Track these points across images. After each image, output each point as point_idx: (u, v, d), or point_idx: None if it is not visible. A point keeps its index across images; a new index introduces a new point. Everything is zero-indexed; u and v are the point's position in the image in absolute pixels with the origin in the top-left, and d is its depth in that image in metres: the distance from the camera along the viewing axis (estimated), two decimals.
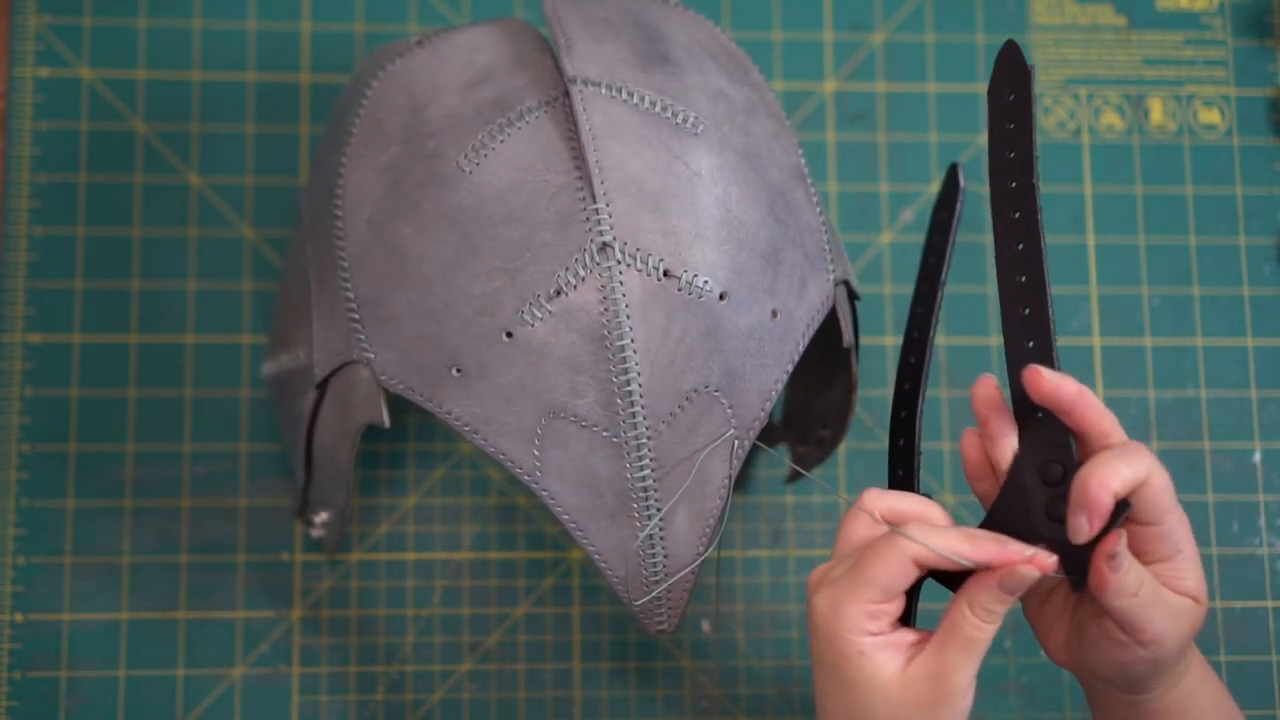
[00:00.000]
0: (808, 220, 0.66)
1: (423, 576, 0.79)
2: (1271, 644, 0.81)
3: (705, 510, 0.62)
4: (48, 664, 0.77)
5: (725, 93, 0.66)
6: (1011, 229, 0.60)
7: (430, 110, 0.64)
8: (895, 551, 0.55)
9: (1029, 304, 0.58)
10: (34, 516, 0.78)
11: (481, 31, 0.67)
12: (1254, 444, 0.83)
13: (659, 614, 0.63)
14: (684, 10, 0.70)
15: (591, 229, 0.60)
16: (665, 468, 0.61)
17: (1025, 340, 0.58)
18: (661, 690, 0.79)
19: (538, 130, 0.62)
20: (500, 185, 0.61)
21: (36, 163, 0.81)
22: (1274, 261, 0.85)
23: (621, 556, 0.62)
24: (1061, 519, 0.55)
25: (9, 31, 0.82)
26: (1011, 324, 0.59)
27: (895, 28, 0.86)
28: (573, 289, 0.60)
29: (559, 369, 0.61)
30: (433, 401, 0.62)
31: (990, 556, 0.55)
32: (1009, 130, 0.61)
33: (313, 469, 0.72)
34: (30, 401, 0.79)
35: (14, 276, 0.80)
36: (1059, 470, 0.56)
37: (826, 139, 0.84)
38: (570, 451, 0.61)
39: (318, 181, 0.70)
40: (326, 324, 0.66)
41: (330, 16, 0.84)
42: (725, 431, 0.62)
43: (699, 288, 0.61)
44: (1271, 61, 0.87)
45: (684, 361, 0.61)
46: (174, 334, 0.80)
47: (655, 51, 0.65)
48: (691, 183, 0.62)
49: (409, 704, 0.78)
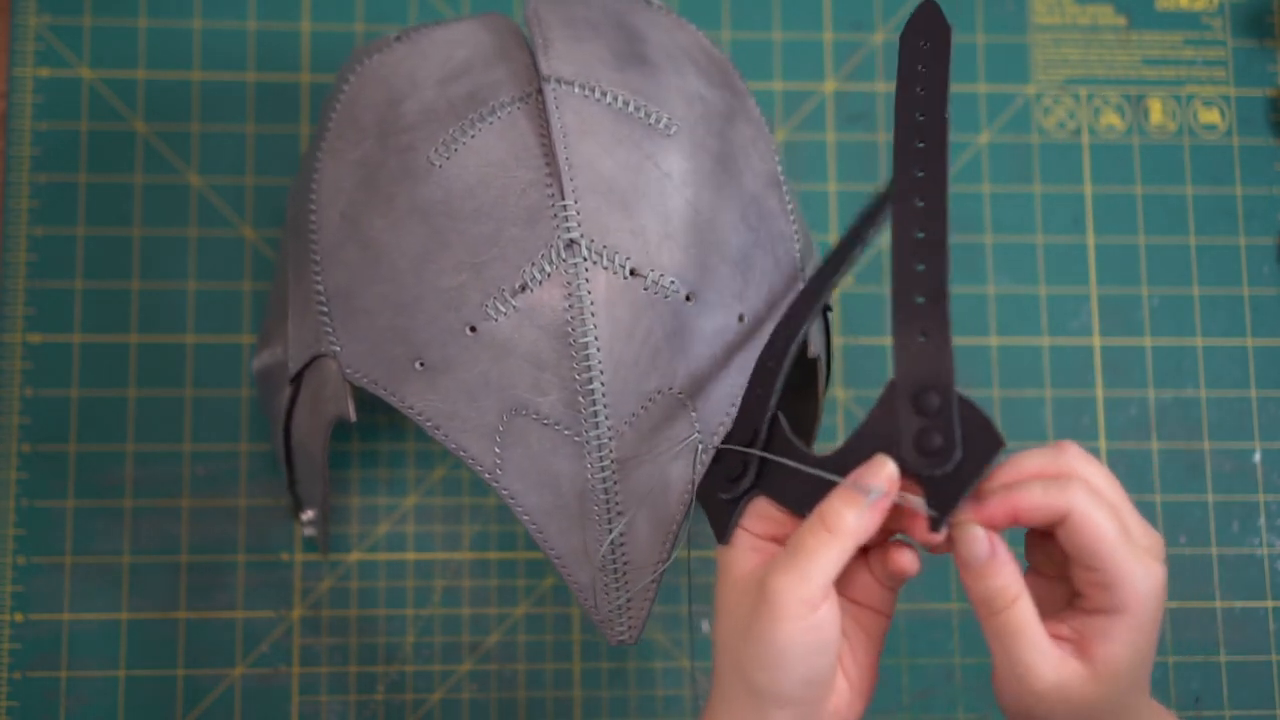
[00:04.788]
0: (781, 228, 0.65)
1: (423, 576, 0.79)
2: (1271, 644, 0.81)
3: (667, 516, 0.61)
4: (48, 664, 0.77)
5: (703, 96, 0.65)
6: (915, 156, 0.57)
7: (406, 105, 0.64)
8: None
9: (923, 228, 0.55)
10: (34, 516, 0.78)
11: (462, 27, 0.67)
12: (1254, 444, 0.83)
13: (619, 624, 0.62)
14: (668, 14, 0.69)
15: (559, 225, 0.60)
16: (627, 469, 0.61)
17: (914, 295, 0.55)
18: (661, 690, 0.79)
19: (510, 126, 0.62)
20: (470, 180, 0.61)
21: (36, 163, 0.81)
22: (1274, 261, 0.85)
23: (581, 560, 0.61)
24: (931, 451, 0.53)
25: (9, 31, 0.82)
26: (902, 246, 0.55)
27: (895, 28, 0.86)
28: (538, 285, 0.60)
29: (522, 365, 0.60)
30: (395, 395, 0.62)
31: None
32: (919, 72, 0.58)
33: (293, 465, 0.72)
34: (30, 401, 0.79)
35: (14, 276, 0.80)
36: (935, 400, 0.53)
37: (826, 139, 0.84)
38: (531, 450, 0.61)
39: (299, 177, 0.70)
40: (300, 318, 0.66)
41: (330, 16, 0.84)
42: (689, 435, 0.61)
43: (665, 288, 0.61)
44: (1271, 61, 0.87)
45: (648, 361, 0.61)
46: (174, 334, 0.80)
47: (633, 53, 0.65)
48: (662, 183, 0.62)
49: (409, 704, 0.78)
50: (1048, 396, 0.82)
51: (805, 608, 0.53)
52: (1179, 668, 0.80)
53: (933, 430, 0.53)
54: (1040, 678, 0.53)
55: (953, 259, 0.83)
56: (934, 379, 0.53)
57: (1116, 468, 0.82)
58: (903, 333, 0.54)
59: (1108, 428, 0.82)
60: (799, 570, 0.53)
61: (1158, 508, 0.82)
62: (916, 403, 0.53)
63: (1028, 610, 0.53)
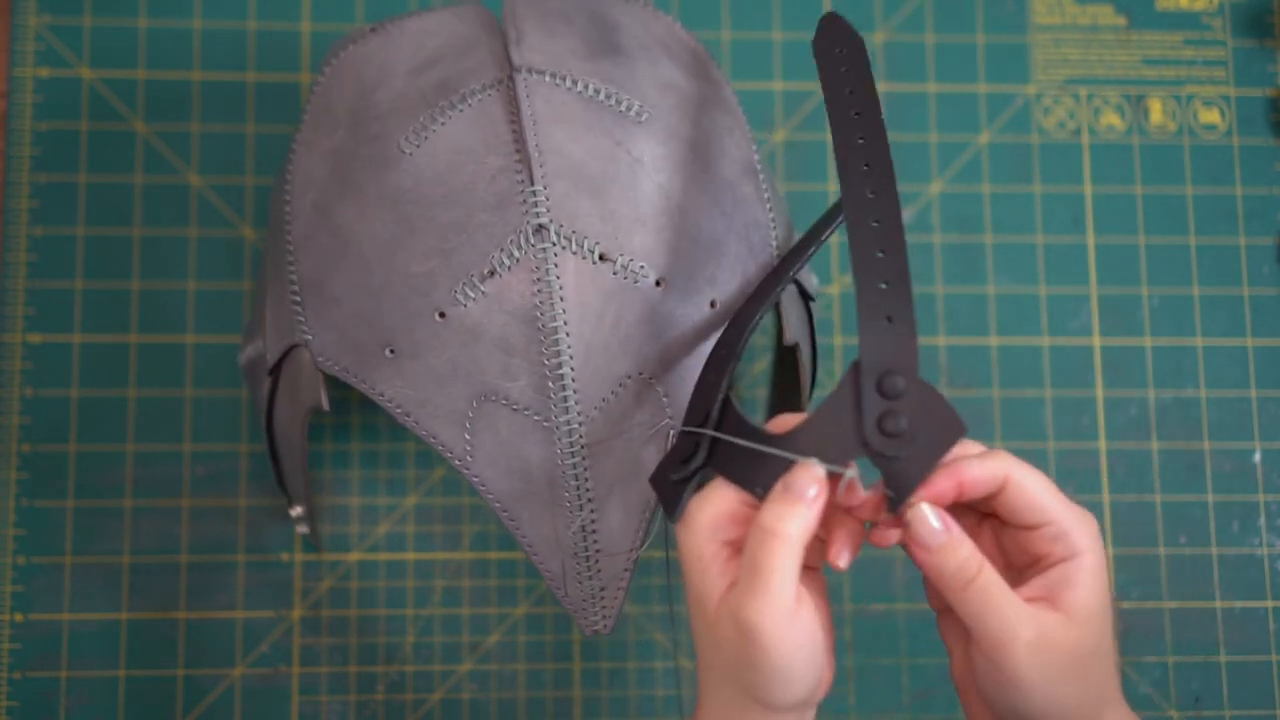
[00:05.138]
0: (756, 215, 0.65)
1: (423, 576, 0.79)
2: (1271, 644, 0.81)
3: (639, 501, 0.61)
4: (48, 664, 0.77)
5: (676, 84, 0.65)
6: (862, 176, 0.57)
7: (378, 94, 0.64)
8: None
9: (880, 239, 0.56)
10: (34, 516, 0.78)
11: (435, 17, 0.67)
12: (1254, 444, 0.83)
13: (593, 612, 0.62)
14: (644, 5, 0.69)
15: (528, 211, 0.60)
16: (597, 455, 0.60)
17: (877, 281, 0.55)
18: (661, 690, 0.79)
19: (480, 113, 0.62)
20: (440, 166, 0.61)
21: (36, 163, 0.81)
22: (1274, 261, 0.85)
23: (553, 547, 0.61)
24: (894, 433, 0.53)
25: (9, 31, 0.82)
26: (862, 256, 0.56)
27: (895, 28, 0.86)
28: (507, 270, 0.60)
29: (491, 350, 0.60)
30: (366, 382, 0.62)
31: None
32: (844, 74, 0.60)
33: (279, 458, 0.72)
34: (30, 401, 0.79)
35: (14, 276, 0.80)
36: (899, 384, 0.54)
37: (826, 139, 0.84)
38: (501, 435, 0.61)
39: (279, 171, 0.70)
40: (277, 309, 0.66)
41: (330, 16, 0.84)
42: (660, 420, 0.61)
43: (635, 272, 0.61)
44: (1271, 61, 0.87)
45: (618, 346, 0.60)
46: (174, 334, 0.80)
47: (607, 42, 0.65)
48: (633, 169, 0.62)
49: (409, 704, 0.78)
50: (1048, 396, 0.82)
51: (786, 620, 0.53)
52: (1179, 668, 0.80)
53: (897, 413, 0.54)
54: (1020, 636, 0.53)
55: (950, 258, 0.83)
56: (898, 363, 0.54)
57: (1116, 468, 0.82)
58: (868, 317, 0.55)
59: (1108, 428, 0.82)
60: (765, 591, 0.52)
61: (1158, 508, 0.82)
62: (881, 385, 0.54)
63: (994, 575, 0.54)
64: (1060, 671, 0.53)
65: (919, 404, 0.54)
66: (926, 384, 0.54)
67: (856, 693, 0.79)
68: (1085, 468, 0.82)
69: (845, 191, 0.57)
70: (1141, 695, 0.80)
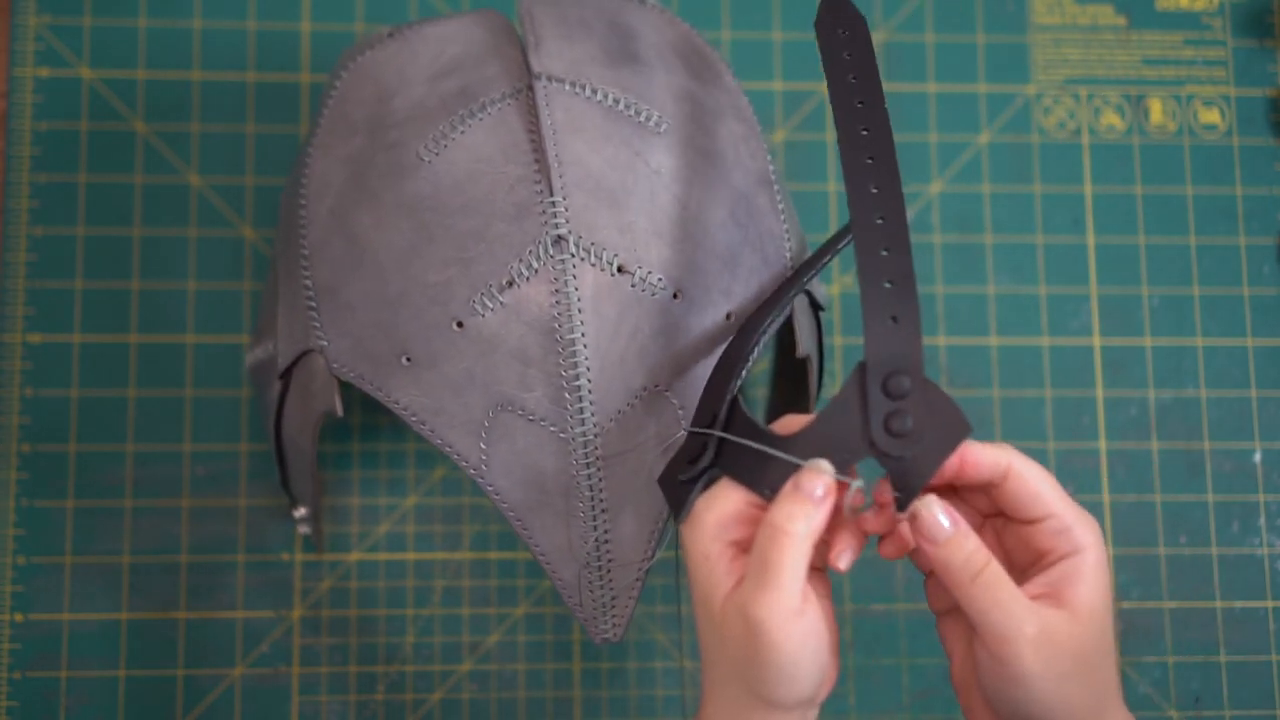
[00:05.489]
0: (770, 226, 0.65)
1: (423, 576, 0.79)
2: (1271, 644, 0.81)
3: (653, 512, 0.61)
4: (48, 664, 0.77)
5: (693, 94, 0.65)
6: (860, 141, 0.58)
7: (396, 101, 0.64)
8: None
9: (882, 212, 0.56)
10: (34, 516, 0.78)
11: (454, 23, 0.67)
12: (1254, 444, 0.83)
13: (604, 621, 0.62)
14: (660, 11, 0.69)
15: (547, 221, 0.60)
16: (612, 466, 0.60)
17: (882, 280, 0.55)
18: (661, 690, 0.79)
19: (500, 122, 0.62)
20: (459, 175, 0.61)
21: (36, 163, 0.81)
22: (1274, 261, 0.85)
23: (566, 557, 0.61)
24: (900, 433, 0.54)
25: (9, 31, 0.82)
26: (865, 228, 0.56)
27: (895, 28, 0.86)
28: (525, 281, 0.60)
29: (508, 361, 0.60)
30: (382, 390, 0.62)
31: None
32: (846, 60, 0.59)
33: (285, 461, 0.72)
34: (30, 401, 0.79)
35: (14, 276, 0.80)
36: (905, 383, 0.54)
37: (826, 139, 0.84)
38: (517, 446, 0.61)
39: (291, 174, 0.70)
40: (290, 314, 0.66)
41: (330, 16, 0.84)
42: (676, 432, 0.61)
43: (653, 285, 0.61)
44: (1271, 61, 0.87)
45: (635, 358, 0.60)
46: (174, 334, 0.80)
47: (625, 50, 0.65)
48: (651, 181, 0.62)
49: (409, 704, 0.78)
50: (1048, 396, 0.82)
51: (793, 617, 0.53)
52: (1179, 668, 0.80)
53: (903, 413, 0.54)
54: (1024, 631, 0.53)
55: (950, 258, 0.83)
56: (904, 362, 0.54)
57: (1116, 468, 0.82)
58: (873, 317, 0.55)
59: (1108, 428, 0.82)
60: (774, 588, 0.53)
61: (1158, 508, 0.82)
62: (886, 385, 0.54)
63: (1000, 569, 0.54)
64: (1063, 668, 0.53)
65: (924, 403, 0.54)
66: (932, 383, 0.54)
67: (856, 693, 0.79)
68: (1085, 468, 0.82)
69: (849, 188, 0.57)
70: (1141, 695, 0.80)
